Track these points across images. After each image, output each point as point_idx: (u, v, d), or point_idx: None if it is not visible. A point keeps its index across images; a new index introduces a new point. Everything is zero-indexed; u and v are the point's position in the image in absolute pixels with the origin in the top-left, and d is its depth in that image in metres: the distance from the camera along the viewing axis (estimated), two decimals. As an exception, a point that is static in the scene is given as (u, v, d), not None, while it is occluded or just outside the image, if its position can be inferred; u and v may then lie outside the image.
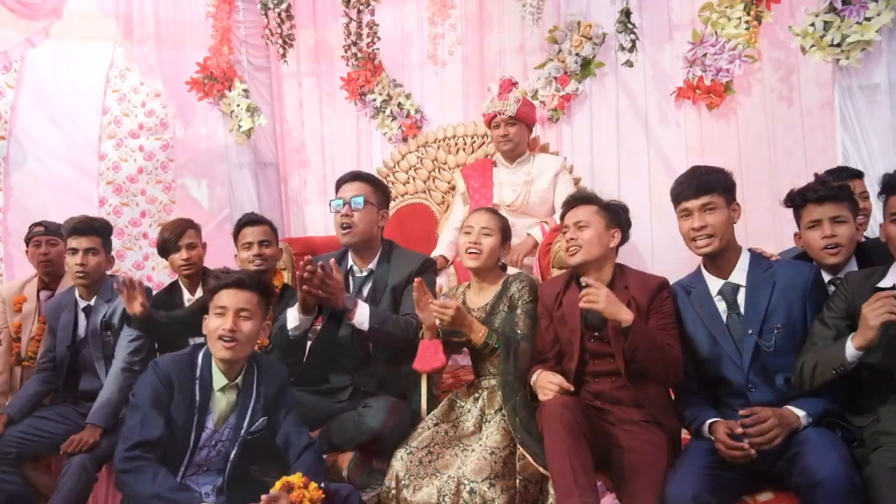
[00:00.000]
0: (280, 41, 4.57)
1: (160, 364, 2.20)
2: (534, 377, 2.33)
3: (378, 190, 2.79)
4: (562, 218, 2.50)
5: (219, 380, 2.23)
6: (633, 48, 3.86)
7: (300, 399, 2.63)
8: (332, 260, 2.53)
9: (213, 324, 2.18)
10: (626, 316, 2.13)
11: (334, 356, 2.75)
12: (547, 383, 2.23)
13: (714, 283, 2.30)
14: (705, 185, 2.25)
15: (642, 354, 2.13)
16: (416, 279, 2.44)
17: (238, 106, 4.77)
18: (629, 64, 3.91)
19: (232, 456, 2.22)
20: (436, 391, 2.74)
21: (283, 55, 4.62)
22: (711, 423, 2.12)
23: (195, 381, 2.20)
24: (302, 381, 2.80)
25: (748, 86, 4.00)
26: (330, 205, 2.75)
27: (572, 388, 2.23)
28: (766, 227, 3.89)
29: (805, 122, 3.90)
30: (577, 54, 4.23)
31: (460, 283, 3.22)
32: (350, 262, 2.81)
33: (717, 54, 3.90)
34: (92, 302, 2.97)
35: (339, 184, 2.79)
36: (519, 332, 2.42)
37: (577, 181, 3.79)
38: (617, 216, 2.42)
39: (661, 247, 4.05)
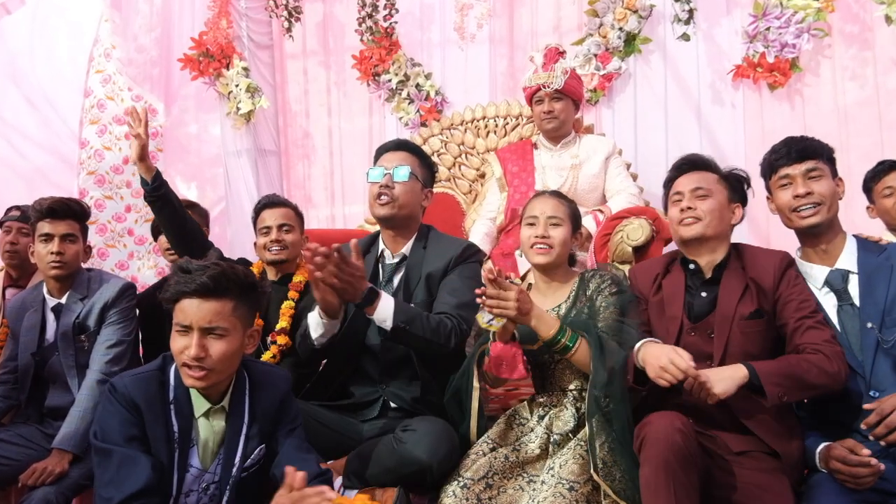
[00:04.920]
0: (285, 13, 4.12)
1: (118, 387, 1.67)
2: (638, 349, 1.83)
3: (425, 165, 2.39)
4: (669, 182, 2.09)
5: (199, 404, 1.73)
6: (689, 19, 3.43)
7: (318, 416, 2.19)
8: (354, 241, 2.03)
9: (175, 345, 1.66)
10: (740, 373, 1.72)
11: (359, 361, 2.31)
12: (666, 360, 1.70)
13: (818, 273, 1.95)
14: (809, 150, 1.97)
15: (790, 394, 1.73)
16: (485, 269, 1.93)
17: (237, 86, 4.31)
18: (686, 37, 3.49)
19: (224, 502, 1.73)
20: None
21: (289, 29, 4.21)
22: (822, 450, 1.75)
23: (169, 407, 1.69)
24: (318, 394, 2.34)
25: (815, 64, 3.59)
26: (367, 175, 2.33)
27: (708, 386, 1.70)
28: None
29: (881, 103, 3.50)
30: (620, 28, 3.82)
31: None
32: (381, 247, 2.39)
33: (783, 28, 3.51)
34: (63, 300, 2.53)
35: (381, 152, 2.39)
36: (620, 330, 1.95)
37: (628, 166, 3.33)
38: (740, 189, 2.04)
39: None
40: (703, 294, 1.95)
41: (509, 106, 3.68)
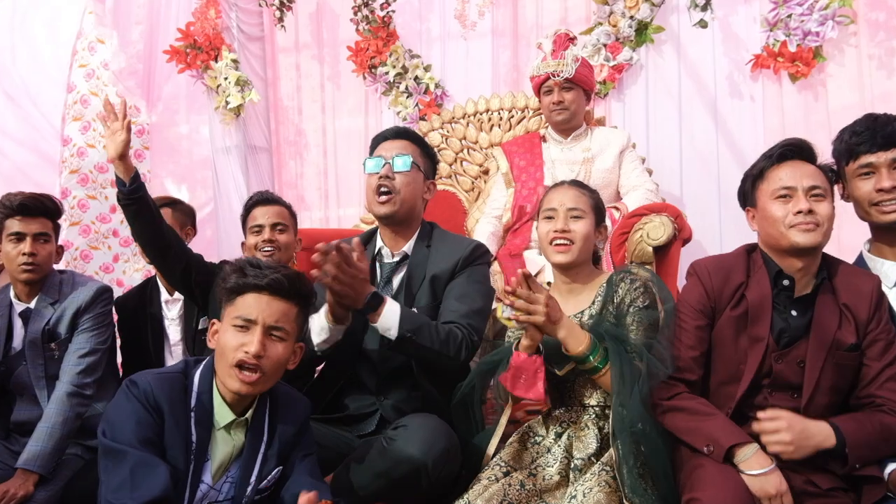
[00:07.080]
0: (276, 3, 3.91)
1: (140, 384, 1.54)
2: (745, 447, 1.56)
3: (427, 155, 2.22)
4: (764, 170, 1.74)
5: (223, 414, 1.61)
6: (707, 5, 3.21)
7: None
8: (356, 240, 1.84)
9: (231, 341, 1.56)
10: (828, 442, 1.53)
11: (355, 371, 2.11)
12: (775, 490, 1.50)
13: (890, 270, 1.80)
14: None
15: (864, 464, 1.58)
16: (519, 270, 1.72)
17: (226, 79, 4.08)
18: (703, 24, 3.27)
19: None
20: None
21: (281, 19, 3.98)
22: (894, 472, 1.55)
23: (190, 414, 1.58)
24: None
25: (839, 53, 3.39)
26: (364, 165, 2.14)
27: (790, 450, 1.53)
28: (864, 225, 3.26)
29: (909, 95, 3.29)
30: (631, 17, 3.61)
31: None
32: (379, 244, 2.20)
33: (805, 15, 3.31)
34: (32, 304, 2.35)
35: (379, 140, 2.21)
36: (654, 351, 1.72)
37: (642, 161, 3.13)
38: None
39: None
40: (794, 313, 1.69)
41: (514, 98, 3.47)
